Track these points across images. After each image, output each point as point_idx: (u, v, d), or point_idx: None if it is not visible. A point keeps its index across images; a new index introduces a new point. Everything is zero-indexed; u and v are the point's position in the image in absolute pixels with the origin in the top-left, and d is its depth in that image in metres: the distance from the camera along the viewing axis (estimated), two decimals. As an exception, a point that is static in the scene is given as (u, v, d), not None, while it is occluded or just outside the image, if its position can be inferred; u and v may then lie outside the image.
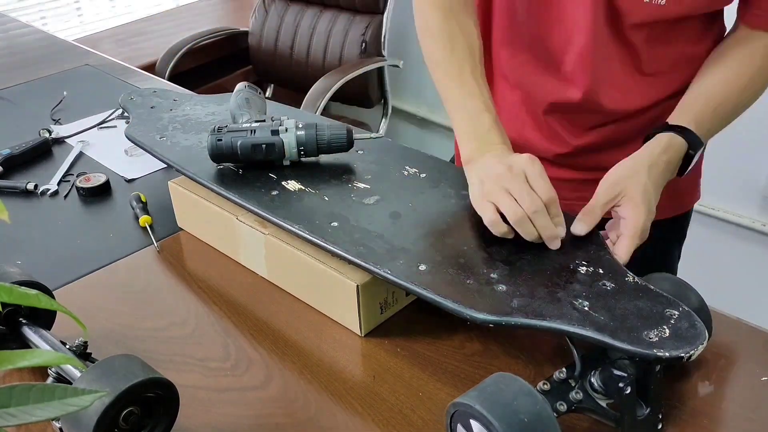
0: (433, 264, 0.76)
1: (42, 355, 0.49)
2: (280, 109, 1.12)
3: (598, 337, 0.64)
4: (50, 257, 1.00)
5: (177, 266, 0.97)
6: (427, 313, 0.86)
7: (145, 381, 0.65)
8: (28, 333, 0.77)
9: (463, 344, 0.82)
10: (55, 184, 1.16)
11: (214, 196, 0.94)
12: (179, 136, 1.04)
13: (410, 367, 0.79)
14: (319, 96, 2.09)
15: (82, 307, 0.89)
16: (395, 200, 0.88)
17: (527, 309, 0.69)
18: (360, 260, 0.77)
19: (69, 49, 1.77)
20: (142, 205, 1.07)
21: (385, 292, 0.83)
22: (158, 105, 1.15)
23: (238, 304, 0.90)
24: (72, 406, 0.46)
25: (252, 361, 0.81)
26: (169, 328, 0.86)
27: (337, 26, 2.35)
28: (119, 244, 1.02)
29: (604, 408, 0.67)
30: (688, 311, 0.66)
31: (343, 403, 0.75)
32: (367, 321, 0.83)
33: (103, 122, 1.35)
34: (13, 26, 1.97)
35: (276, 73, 2.51)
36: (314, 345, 0.83)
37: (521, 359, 0.79)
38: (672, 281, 0.75)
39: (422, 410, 0.74)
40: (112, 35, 2.56)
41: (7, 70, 1.65)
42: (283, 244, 0.86)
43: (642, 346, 0.62)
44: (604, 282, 0.71)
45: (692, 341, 0.63)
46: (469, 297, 0.71)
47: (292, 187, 0.91)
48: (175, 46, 2.31)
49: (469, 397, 0.61)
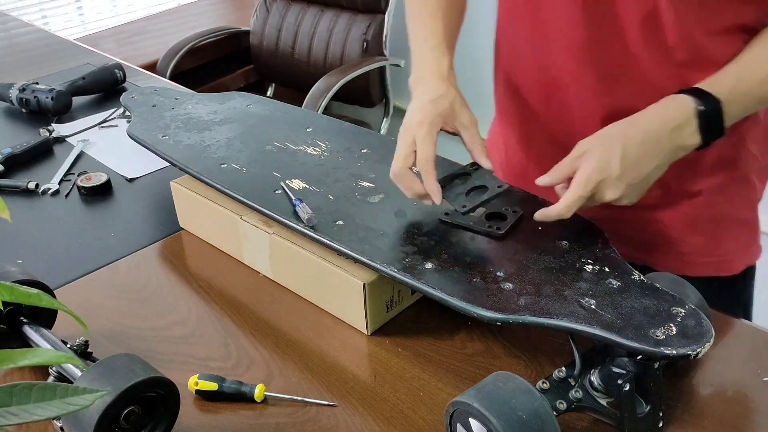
0: (439, 262, 0.76)
1: (43, 354, 0.49)
2: (282, 109, 1.12)
3: (605, 335, 0.64)
4: (51, 256, 0.99)
5: (178, 265, 0.97)
6: (429, 312, 0.86)
7: (146, 380, 0.64)
8: (29, 332, 0.77)
9: (465, 344, 0.81)
10: (56, 183, 1.15)
11: (217, 196, 0.94)
12: (181, 135, 1.04)
13: (411, 366, 0.79)
14: (321, 95, 2.09)
15: (83, 307, 0.89)
16: (399, 198, 0.87)
17: (534, 307, 0.68)
18: (367, 258, 0.77)
19: (70, 48, 1.77)
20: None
21: (392, 290, 0.83)
22: (160, 104, 1.15)
23: (240, 304, 0.89)
24: (73, 405, 0.46)
25: (253, 361, 0.80)
26: (170, 328, 0.86)
27: (338, 25, 2.34)
28: (120, 243, 1.01)
29: (604, 406, 0.67)
30: (694, 309, 0.66)
31: (344, 402, 0.75)
32: (374, 320, 0.82)
33: (104, 121, 1.35)
34: (14, 25, 1.97)
35: (277, 73, 2.50)
36: (315, 344, 0.83)
37: (522, 359, 0.79)
38: (671, 280, 0.74)
39: (423, 410, 0.73)
40: (113, 34, 2.56)
41: (8, 70, 1.65)
42: (288, 243, 0.86)
43: (649, 344, 0.62)
44: (610, 280, 0.71)
45: (699, 339, 0.63)
46: (476, 295, 0.71)
47: (297, 185, 0.90)
48: (176, 46, 2.31)
49: (468, 396, 0.61)
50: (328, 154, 0.98)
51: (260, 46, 2.48)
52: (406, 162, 0.79)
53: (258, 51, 2.50)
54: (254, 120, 1.08)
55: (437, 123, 0.79)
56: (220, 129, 1.05)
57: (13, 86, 1.38)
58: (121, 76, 1.48)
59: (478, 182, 0.82)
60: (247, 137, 1.03)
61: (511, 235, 0.80)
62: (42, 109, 1.36)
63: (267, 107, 1.12)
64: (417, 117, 0.80)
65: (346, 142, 1.01)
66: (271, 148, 1.00)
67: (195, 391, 0.75)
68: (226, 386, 0.75)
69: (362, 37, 2.29)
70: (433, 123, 0.79)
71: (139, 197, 1.13)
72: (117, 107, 1.38)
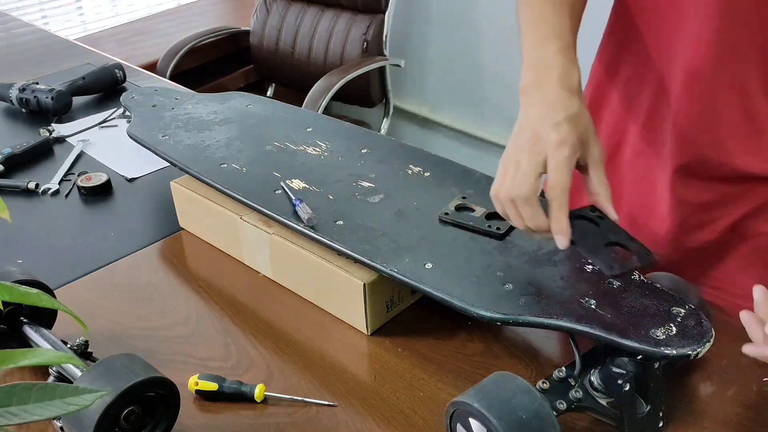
0: (440, 262, 0.76)
1: (43, 354, 0.49)
2: (282, 109, 1.12)
3: (605, 336, 0.64)
4: (51, 256, 0.99)
5: (178, 265, 0.97)
6: (429, 312, 0.85)
7: (146, 380, 0.64)
8: (29, 332, 0.77)
9: (465, 344, 0.81)
10: (56, 183, 1.15)
11: (217, 196, 0.94)
12: (182, 135, 1.04)
13: (411, 367, 0.79)
14: (321, 95, 2.09)
15: (83, 307, 0.89)
16: (400, 199, 0.87)
17: (534, 307, 0.68)
18: (367, 259, 0.77)
19: (70, 48, 1.77)
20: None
21: (391, 290, 0.83)
22: (160, 104, 1.15)
23: (240, 304, 0.89)
24: (73, 405, 0.46)
25: (253, 361, 0.80)
26: (170, 328, 0.86)
27: (338, 25, 2.34)
28: (120, 243, 1.01)
29: (604, 406, 0.67)
30: (694, 309, 0.66)
31: (344, 402, 0.75)
32: (374, 320, 0.82)
33: (104, 121, 1.35)
34: (14, 25, 1.97)
35: (277, 73, 2.50)
36: (315, 344, 0.82)
37: (523, 360, 0.79)
38: (671, 280, 0.74)
39: (423, 410, 0.73)
40: (113, 34, 2.56)
41: (8, 70, 1.64)
42: (288, 243, 0.86)
43: (649, 344, 0.62)
44: (610, 280, 0.71)
45: (699, 339, 0.63)
46: (476, 295, 0.71)
47: (297, 185, 0.90)
48: (176, 46, 2.31)
49: (468, 396, 0.61)
50: (328, 154, 0.98)
51: (260, 46, 2.48)
52: (538, 185, 0.66)
53: (258, 51, 2.50)
54: (254, 120, 1.08)
55: (577, 150, 0.67)
56: (220, 129, 1.05)
57: (13, 86, 1.38)
58: (121, 76, 1.48)
59: (612, 237, 0.69)
60: (247, 137, 1.03)
61: (512, 235, 0.80)
62: (42, 109, 1.36)
63: (267, 107, 1.12)
64: (553, 135, 0.66)
65: (346, 142, 1.01)
66: (271, 148, 1.00)
67: (195, 391, 0.75)
68: (226, 386, 0.75)
69: (362, 37, 2.29)
70: (575, 147, 0.66)
71: (139, 197, 1.13)
72: (117, 107, 1.38)
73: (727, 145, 0.80)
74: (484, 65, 2.50)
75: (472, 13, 2.45)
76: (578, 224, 0.68)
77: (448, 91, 2.65)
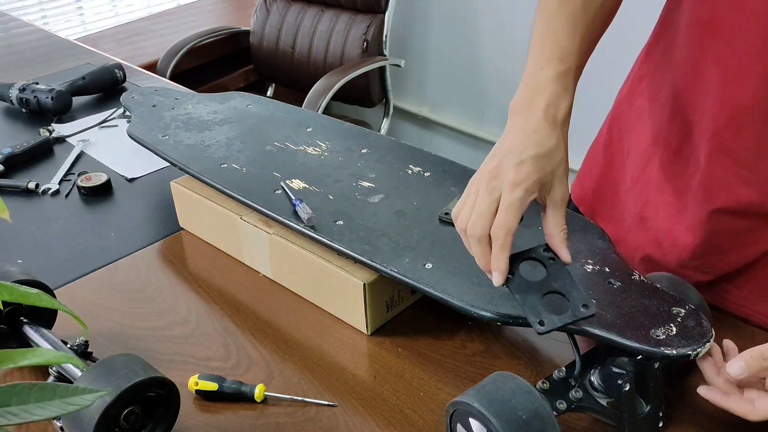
0: (439, 262, 0.76)
1: (43, 354, 0.49)
2: (282, 109, 1.12)
3: (605, 336, 0.64)
4: (51, 256, 0.99)
5: (178, 265, 0.97)
6: (429, 312, 0.86)
7: (146, 380, 0.64)
8: (29, 332, 0.77)
9: (465, 344, 0.81)
10: (56, 183, 1.15)
11: (217, 196, 0.94)
12: (182, 135, 1.04)
13: (411, 367, 0.79)
14: (321, 95, 2.09)
15: (83, 307, 0.89)
16: (400, 198, 0.87)
17: None
18: (366, 258, 0.77)
19: (70, 48, 1.77)
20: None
21: (391, 290, 0.83)
22: (160, 104, 1.15)
23: (239, 304, 0.89)
24: (73, 405, 0.46)
25: (253, 361, 0.80)
26: (170, 328, 0.86)
27: (338, 25, 2.34)
28: (120, 243, 1.01)
29: (604, 406, 0.67)
30: (694, 309, 0.66)
31: (344, 402, 0.75)
32: (374, 319, 0.82)
33: (104, 121, 1.35)
34: (14, 25, 1.97)
35: (277, 73, 2.51)
36: (315, 344, 0.82)
37: (523, 360, 0.79)
38: (671, 280, 0.74)
39: (423, 410, 0.73)
40: (113, 34, 2.56)
41: (7, 70, 1.65)
42: (288, 243, 0.86)
43: (650, 344, 0.62)
44: (610, 280, 0.71)
45: (699, 339, 0.63)
46: (477, 295, 0.71)
47: (297, 185, 0.90)
48: (176, 46, 2.31)
49: (468, 396, 0.61)
50: (328, 154, 0.98)
51: (260, 46, 2.48)
52: (491, 223, 0.65)
53: (258, 51, 2.50)
54: (254, 120, 1.08)
55: (534, 191, 0.65)
56: (220, 129, 1.05)
57: (13, 86, 1.38)
58: (121, 76, 1.48)
59: (555, 284, 0.67)
60: (247, 137, 1.03)
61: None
62: (42, 109, 1.36)
63: (267, 107, 1.12)
64: (511, 174, 0.65)
65: (346, 142, 1.01)
66: (271, 148, 1.00)
67: (195, 391, 0.75)
68: (226, 386, 0.75)
69: (362, 37, 2.29)
70: (530, 191, 0.65)
71: (139, 197, 1.13)
72: (117, 107, 1.38)
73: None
74: (484, 65, 2.51)
75: (472, 13, 2.45)
76: (525, 266, 0.67)
77: (448, 91, 2.65)
